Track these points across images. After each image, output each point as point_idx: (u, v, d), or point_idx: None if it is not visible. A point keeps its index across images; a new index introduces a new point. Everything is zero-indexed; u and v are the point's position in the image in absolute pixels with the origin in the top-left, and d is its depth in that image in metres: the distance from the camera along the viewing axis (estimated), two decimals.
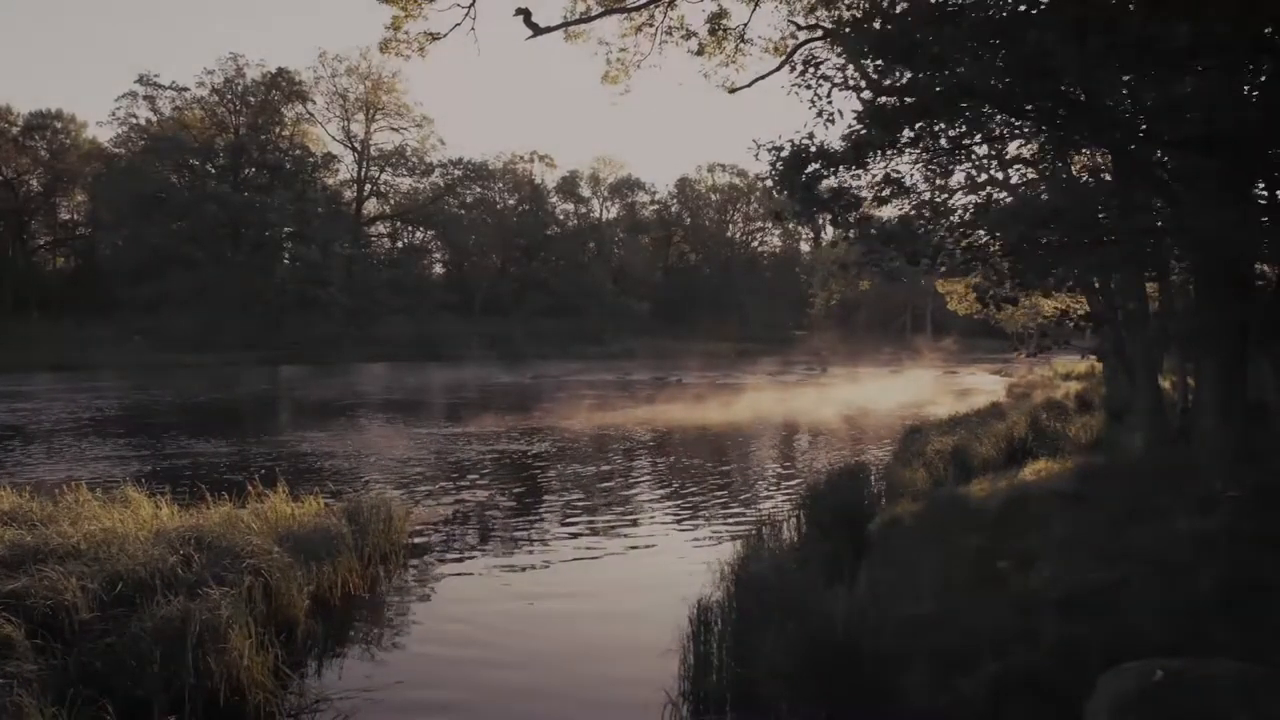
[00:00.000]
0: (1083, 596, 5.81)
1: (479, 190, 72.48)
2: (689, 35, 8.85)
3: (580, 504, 12.88)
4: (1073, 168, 9.59)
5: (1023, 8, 5.54)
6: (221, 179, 58.21)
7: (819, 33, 10.03)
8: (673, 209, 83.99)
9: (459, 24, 10.26)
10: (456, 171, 69.66)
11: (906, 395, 31.15)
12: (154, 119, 59.57)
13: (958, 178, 8.47)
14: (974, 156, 8.16)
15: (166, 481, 12.45)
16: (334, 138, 66.56)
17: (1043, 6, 5.50)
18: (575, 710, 6.20)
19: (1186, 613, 5.20)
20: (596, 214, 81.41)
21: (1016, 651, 5.20)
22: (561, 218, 78.73)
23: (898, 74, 6.39)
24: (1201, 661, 4.22)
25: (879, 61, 6.05)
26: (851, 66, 6.54)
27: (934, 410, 23.12)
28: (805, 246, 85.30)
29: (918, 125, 6.95)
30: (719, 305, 75.40)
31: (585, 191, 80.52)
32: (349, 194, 67.59)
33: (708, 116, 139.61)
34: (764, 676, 5.48)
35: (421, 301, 66.06)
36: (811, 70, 6.63)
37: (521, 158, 75.87)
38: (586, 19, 10.19)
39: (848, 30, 6.21)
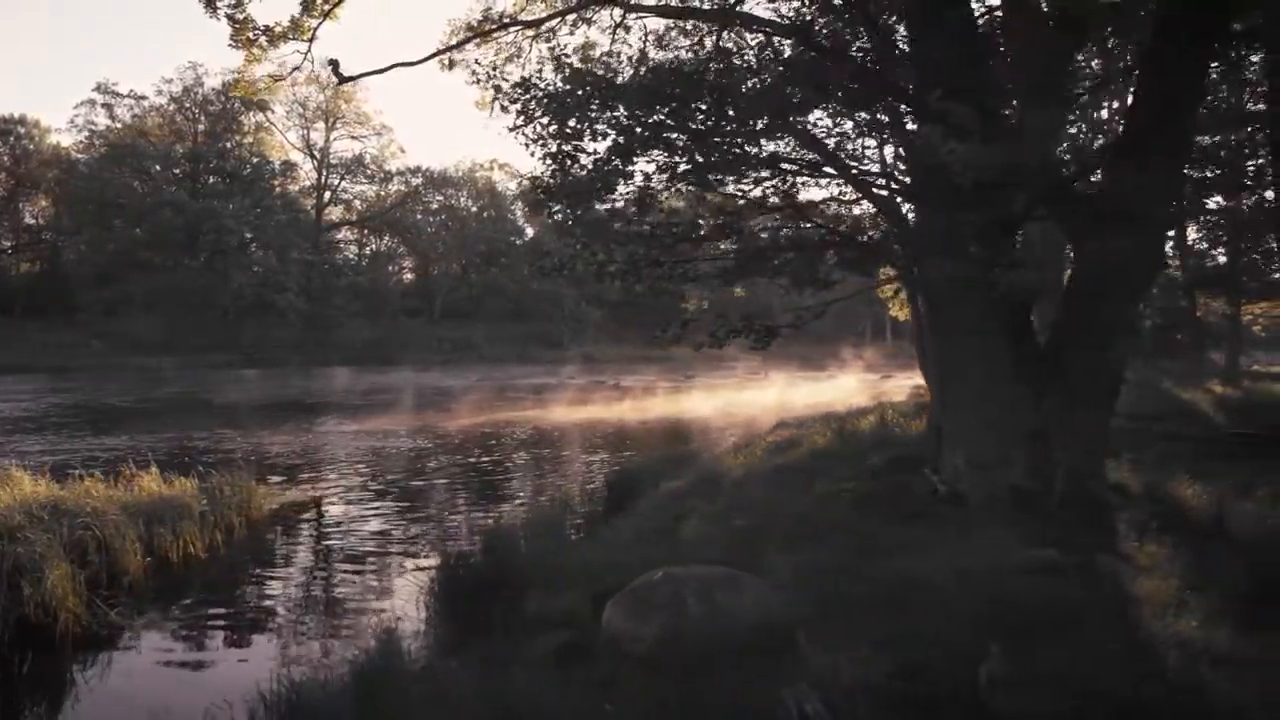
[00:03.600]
0: (711, 537, 7.46)
1: (440, 198, 74.05)
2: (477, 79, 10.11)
3: (416, 495, 14.15)
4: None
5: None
6: (180, 185, 59.47)
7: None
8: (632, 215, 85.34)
9: (298, 67, 11.83)
10: (416, 180, 71.19)
11: (820, 396, 32.83)
12: (113, 126, 60.76)
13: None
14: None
15: (72, 467, 13.87)
16: (294, 146, 68.03)
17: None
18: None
19: (749, 546, 6.82)
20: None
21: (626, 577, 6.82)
22: (522, 225, 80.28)
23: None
24: (692, 567, 5.88)
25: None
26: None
27: (829, 408, 24.74)
28: None
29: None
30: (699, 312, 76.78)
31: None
32: (310, 201, 68.90)
33: None
34: None
35: (382, 307, 67.54)
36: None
37: (482, 165, 77.52)
38: (379, 71, 11.87)
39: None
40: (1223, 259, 24.97)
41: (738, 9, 8.89)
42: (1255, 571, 6.43)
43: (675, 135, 7.62)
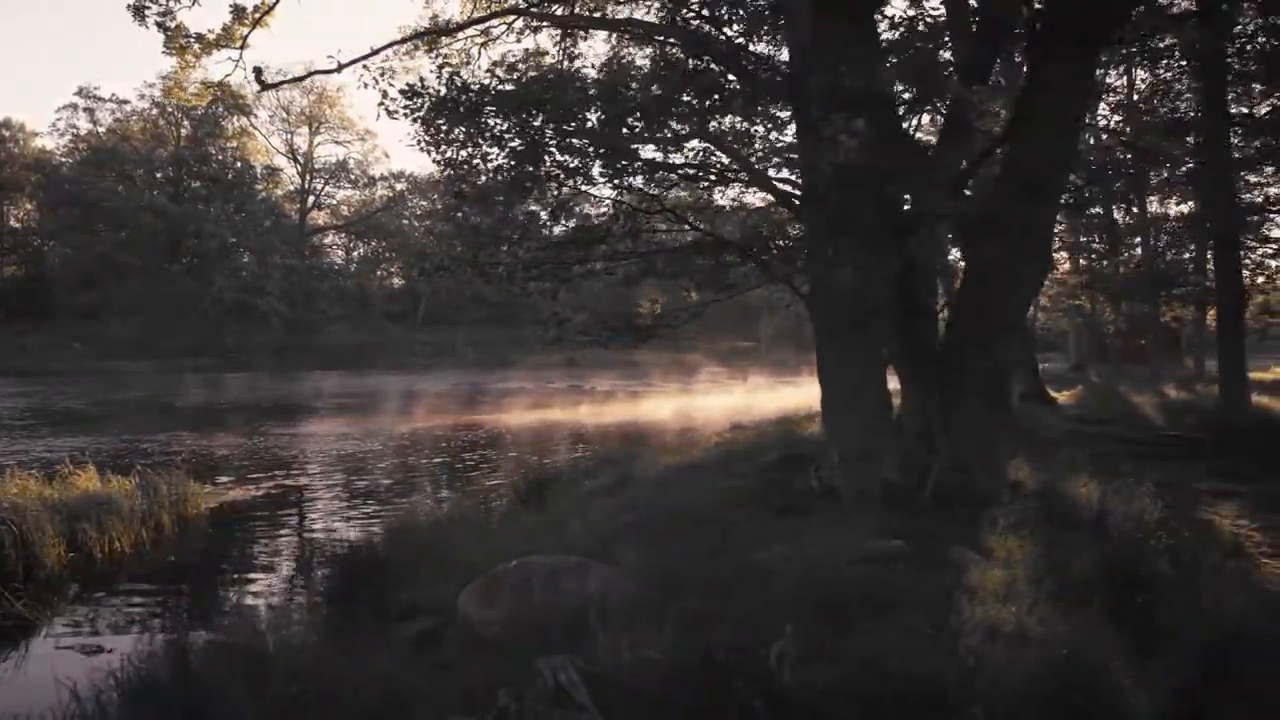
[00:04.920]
0: (594, 531, 7.69)
1: (425, 203, 74.20)
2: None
3: (352, 493, 14.36)
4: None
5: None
6: (162, 190, 59.64)
7: None
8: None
9: (229, 74, 12.09)
10: (400, 184, 71.42)
11: (788, 400, 33.08)
12: (95, 130, 60.96)
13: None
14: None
15: (7, 466, 14.08)
16: (278, 150, 68.24)
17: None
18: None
19: (621, 538, 7.04)
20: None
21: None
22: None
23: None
24: (546, 557, 6.11)
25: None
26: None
27: (792, 411, 24.96)
28: None
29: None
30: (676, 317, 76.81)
31: (533, 205, 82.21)
32: (294, 206, 69.10)
33: None
34: None
35: (365, 311, 67.71)
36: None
37: None
38: (300, 78, 12.08)
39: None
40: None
41: (632, 18, 9.18)
42: (1104, 562, 6.69)
43: (576, 141, 7.86)
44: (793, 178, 8.55)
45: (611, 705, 3.67)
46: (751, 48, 8.14)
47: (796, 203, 8.30)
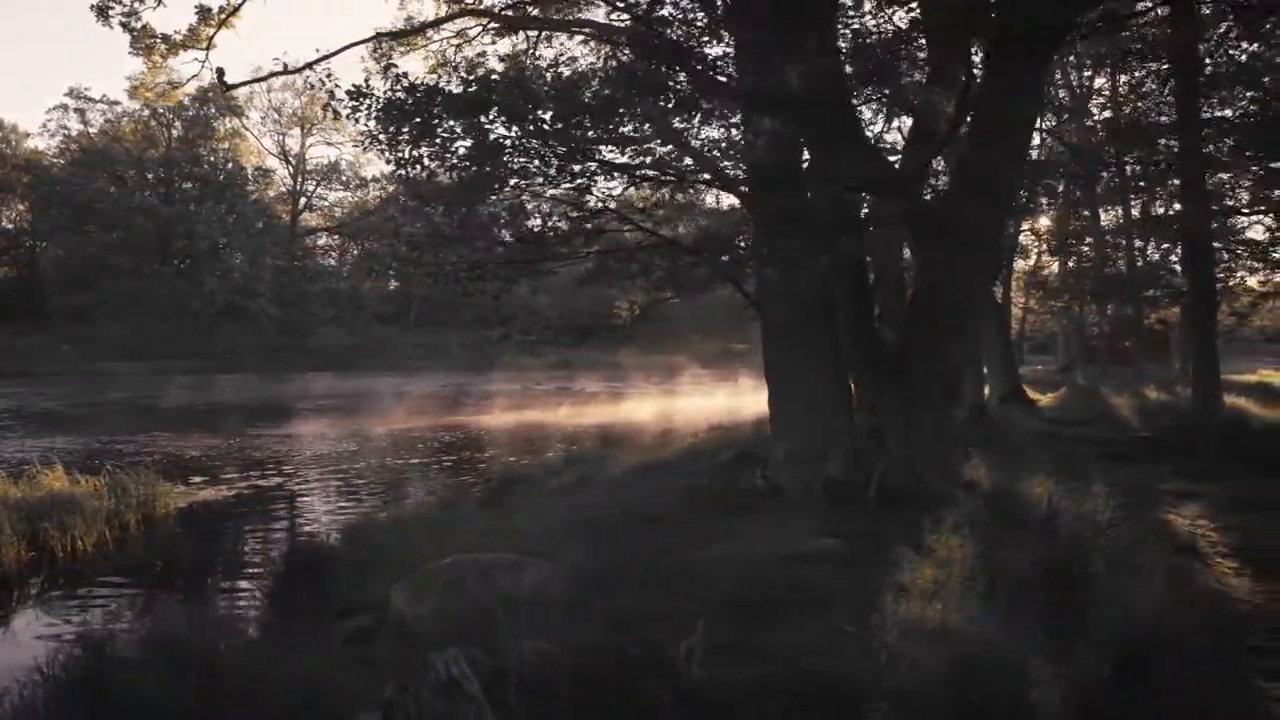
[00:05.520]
0: (542, 528, 7.73)
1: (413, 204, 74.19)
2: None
3: (322, 493, 14.35)
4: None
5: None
6: (153, 191, 59.61)
7: None
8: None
9: (196, 75, 12.13)
10: (393, 186, 71.26)
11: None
12: (86, 131, 60.93)
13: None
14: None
15: None
16: (269, 151, 68.20)
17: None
18: None
19: (565, 535, 7.09)
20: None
21: None
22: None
23: None
24: (484, 555, 6.15)
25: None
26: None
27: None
28: None
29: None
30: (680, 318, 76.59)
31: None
32: (285, 207, 69.05)
33: None
34: None
35: (358, 313, 67.58)
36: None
37: None
38: (261, 79, 12.17)
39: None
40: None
41: (582, 19, 9.24)
42: (1042, 562, 6.74)
43: (529, 143, 7.90)
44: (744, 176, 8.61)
45: (506, 698, 3.71)
46: (707, 51, 8.21)
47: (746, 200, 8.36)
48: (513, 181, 8.87)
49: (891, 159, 8.71)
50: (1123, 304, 26.52)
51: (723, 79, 7.83)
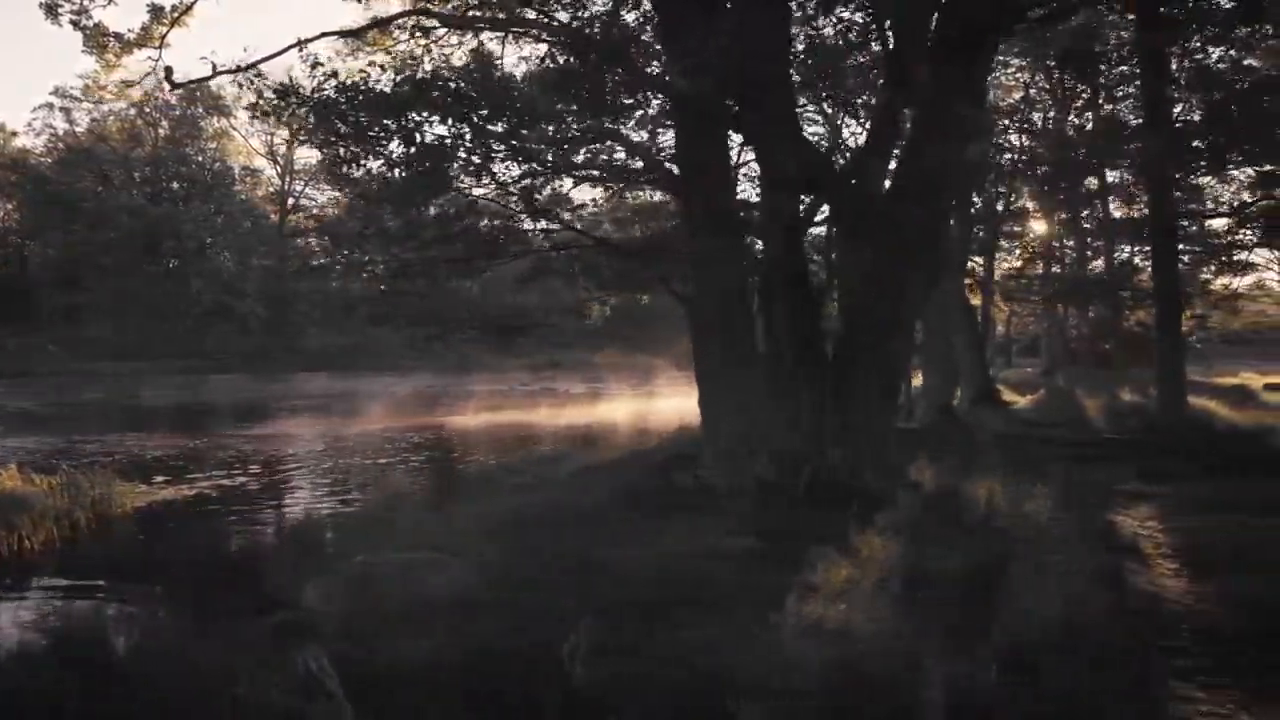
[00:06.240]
0: (479, 526, 7.73)
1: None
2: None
3: (280, 493, 14.25)
4: None
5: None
6: (140, 190, 59.47)
7: None
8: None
9: (150, 72, 12.08)
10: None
11: None
12: (72, 129, 60.80)
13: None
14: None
15: None
16: (257, 152, 67.93)
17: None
18: None
19: (496, 535, 7.10)
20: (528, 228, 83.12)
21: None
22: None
23: None
24: (404, 553, 6.15)
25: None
26: None
27: None
28: None
29: None
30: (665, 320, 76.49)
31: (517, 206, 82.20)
32: (273, 207, 68.87)
33: None
34: None
35: (348, 314, 67.38)
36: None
37: None
38: (206, 79, 12.15)
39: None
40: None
41: (516, 16, 9.23)
42: (967, 562, 6.76)
43: (466, 143, 7.91)
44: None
45: (367, 695, 3.71)
46: (641, 49, 8.20)
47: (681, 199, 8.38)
48: (460, 181, 8.88)
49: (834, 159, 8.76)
50: (1082, 306, 26.59)
51: (656, 75, 7.85)
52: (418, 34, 10.62)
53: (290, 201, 69.10)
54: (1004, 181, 18.89)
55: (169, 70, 11.56)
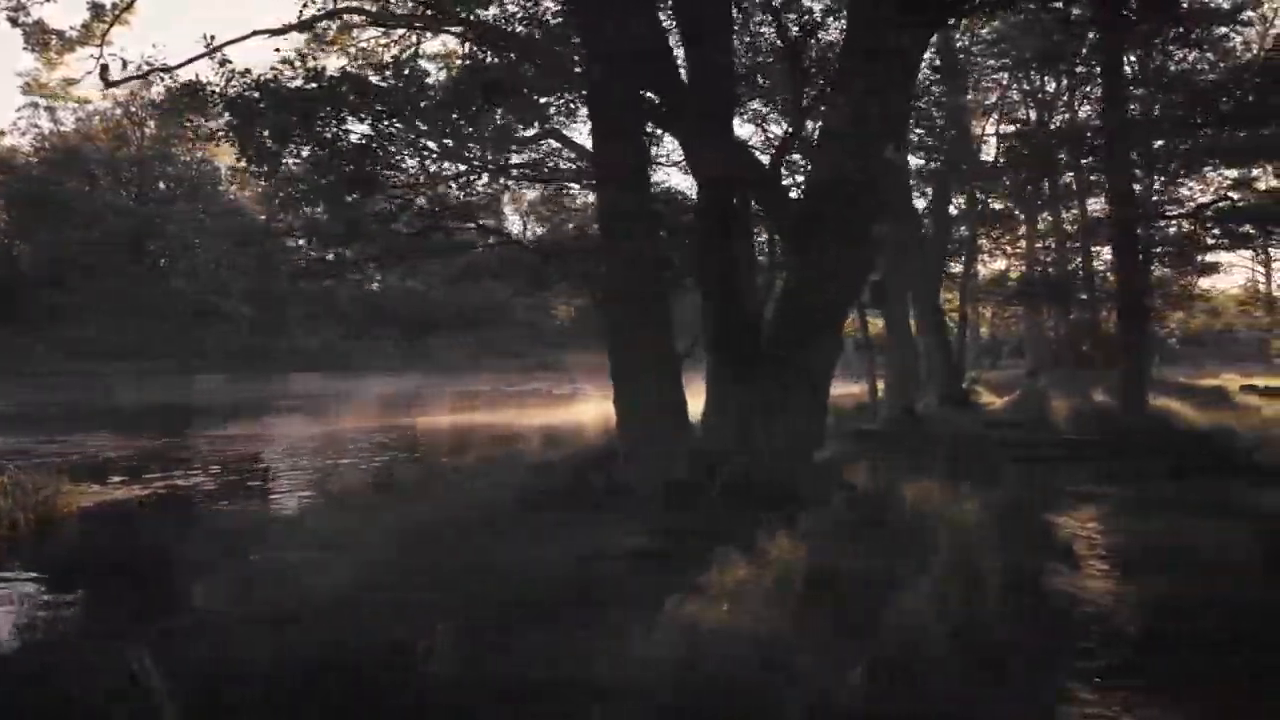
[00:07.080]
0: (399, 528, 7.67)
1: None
2: None
3: (235, 494, 14.19)
4: None
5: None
6: (126, 189, 59.39)
7: None
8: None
9: (90, 71, 12.02)
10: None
11: None
12: (57, 129, 60.73)
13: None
14: None
15: None
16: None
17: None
18: None
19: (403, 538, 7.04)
20: (517, 231, 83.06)
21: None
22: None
23: None
24: (291, 554, 6.08)
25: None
26: None
27: None
28: None
29: None
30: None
31: (507, 209, 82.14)
32: (260, 207, 68.68)
33: None
34: None
35: (337, 314, 67.27)
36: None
37: None
38: (140, 76, 12.10)
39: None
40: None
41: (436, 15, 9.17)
42: (882, 565, 6.68)
43: (387, 142, 7.85)
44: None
45: (191, 693, 3.65)
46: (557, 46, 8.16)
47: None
48: (390, 179, 8.82)
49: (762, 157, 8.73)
50: (1036, 307, 26.59)
51: (573, 71, 7.80)
52: (341, 33, 10.59)
53: (277, 200, 68.97)
54: (983, 182, 18.87)
55: (104, 68, 11.51)
